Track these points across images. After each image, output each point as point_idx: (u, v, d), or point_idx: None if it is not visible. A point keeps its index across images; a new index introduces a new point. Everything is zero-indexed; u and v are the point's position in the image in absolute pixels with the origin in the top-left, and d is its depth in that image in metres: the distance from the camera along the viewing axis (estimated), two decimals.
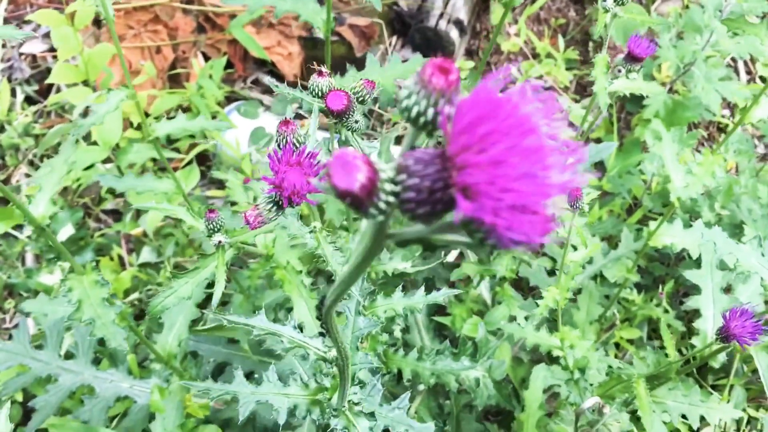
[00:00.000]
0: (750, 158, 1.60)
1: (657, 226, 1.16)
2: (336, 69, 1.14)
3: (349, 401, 0.60)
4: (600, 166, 1.78)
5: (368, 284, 0.62)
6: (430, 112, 0.26)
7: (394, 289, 0.88)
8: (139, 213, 1.67)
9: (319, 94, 0.56)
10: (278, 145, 0.52)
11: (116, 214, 1.84)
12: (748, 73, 1.94)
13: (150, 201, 1.46)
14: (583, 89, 1.89)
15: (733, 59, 2.00)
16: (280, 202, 0.49)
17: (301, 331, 0.64)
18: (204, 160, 1.81)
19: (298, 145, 0.50)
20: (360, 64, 1.23)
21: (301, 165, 0.46)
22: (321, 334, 0.52)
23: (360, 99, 0.60)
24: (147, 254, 1.65)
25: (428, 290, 1.37)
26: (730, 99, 1.62)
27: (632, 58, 0.91)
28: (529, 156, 0.25)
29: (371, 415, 0.60)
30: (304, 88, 0.67)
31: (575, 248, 0.92)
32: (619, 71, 0.91)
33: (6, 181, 1.90)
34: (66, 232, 1.71)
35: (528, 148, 0.25)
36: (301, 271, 0.85)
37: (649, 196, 1.60)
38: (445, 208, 0.27)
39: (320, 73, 0.57)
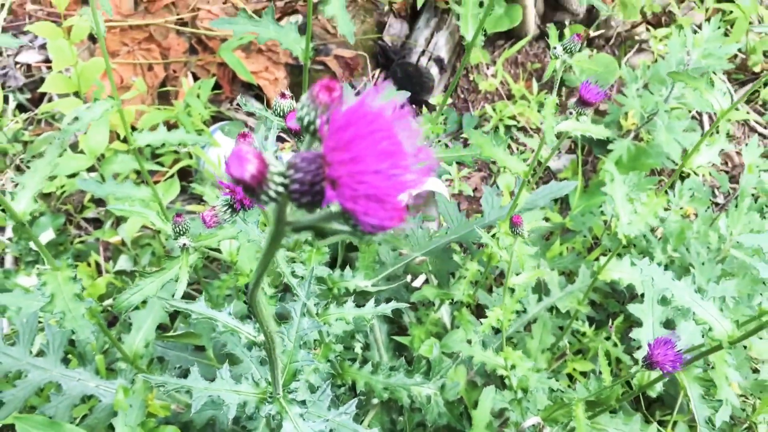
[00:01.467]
0: (706, 206, 1.68)
1: (606, 261, 1.24)
2: None
3: (284, 389, 0.66)
4: (565, 206, 1.86)
5: (316, 288, 0.68)
6: (317, 121, 0.34)
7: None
8: (118, 221, 1.73)
9: (281, 114, 0.64)
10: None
11: (97, 223, 1.89)
12: (711, 133, 2.04)
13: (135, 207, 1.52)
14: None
15: (699, 112, 2.10)
16: (235, 205, 0.56)
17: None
18: (187, 175, 1.87)
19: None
20: None
21: None
22: (248, 317, 0.58)
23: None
24: (123, 262, 1.70)
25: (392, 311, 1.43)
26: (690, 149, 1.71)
27: (583, 103, 0.99)
28: (384, 156, 0.32)
29: (303, 402, 0.66)
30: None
31: (517, 274, 0.99)
32: (571, 113, 0.99)
33: None
34: (47, 236, 1.76)
35: (384, 150, 0.32)
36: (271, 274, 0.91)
37: (608, 235, 1.68)
38: (323, 199, 0.34)
39: (283, 95, 0.64)
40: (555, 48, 0.90)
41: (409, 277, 1.53)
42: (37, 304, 1.06)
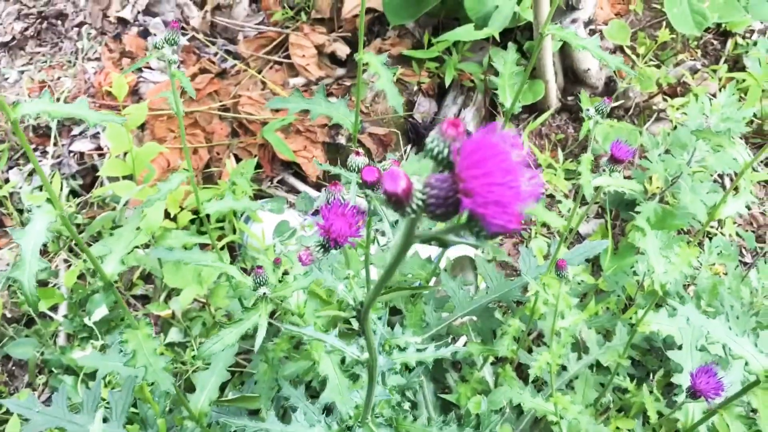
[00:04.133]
0: (735, 263, 1.74)
1: (644, 313, 1.29)
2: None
3: (372, 413, 0.72)
4: (597, 269, 1.92)
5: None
6: (446, 150, 0.42)
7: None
8: (170, 295, 1.81)
9: (356, 169, 0.72)
10: (327, 201, 0.67)
11: (145, 299, 1.98)
12: (735, 189, 2.11)
13: (189, 280, 1.60)
14: (582, 196, 2.06)
15: (720, 175, 2.18)
16: (327, 246, 0.63)
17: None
18: (230, 251, 1.96)
19: (342, 201, 0.65)
20: None
21: (345, 215, 0.61)
22: (357, 334, 0.64)
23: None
24: (174, 334, 1.77)
25: (436, 370, 1.48)
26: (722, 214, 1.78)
27: (614, 160, 1.07)
28: (506, 172, 0.40)
29: (389, 425, 0.72)
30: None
31: (563, 316, 1.04)
32: (603, 170, 1.07)
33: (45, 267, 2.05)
34: (100, 312, 1.84)
35: (506, 168, 0.40)
36: (327, 330, 0.98)
37: (641, 294, 1.73)
38: (455, 210, 0.42)
39: (357, 153, 0.73)
40: (588, 110, 0.99)
41: (450, 339, 1.59)
42: (112, 364, 1.13)
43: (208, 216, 1.88)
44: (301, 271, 0.87)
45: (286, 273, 0.97)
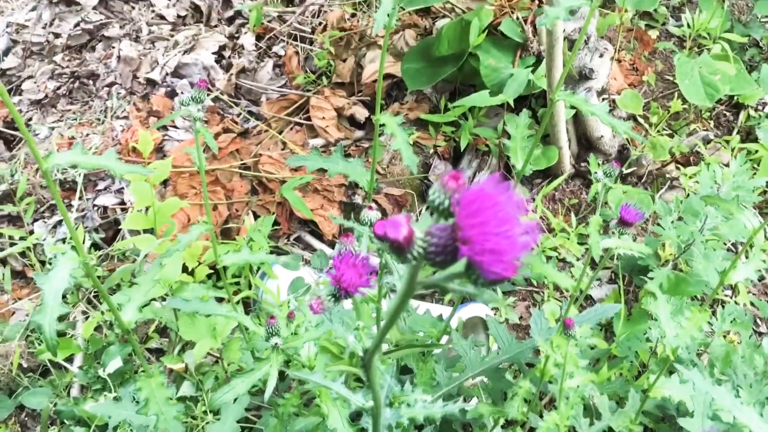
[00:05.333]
0: (749, 331, 1.73)
1: (656, 378, 1.29)
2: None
3: None
4: (610, 334, 1.92)
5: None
6: (446, 202, 0.45)
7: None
8: (184, 348, 1.83)
9: (368, 223, 0.75)
10: (339, 253, 0.69)
11: (159, 353, 1.99)
12: (746, 254, 2.11)
13: (203, 333, 1.62)
14: (594, 262, 2.07)
15: (734, 244, 2.18)
16: (338, 295, 0.66)
17: None
18: (245, 306, 1.98)
19: (354, 252, 0.68)
20: None
21: (356, 266, 0.64)
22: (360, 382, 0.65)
23: None
24: (186, 388, 1.78)
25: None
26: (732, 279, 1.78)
27: (623, 223, 1.10)
28: (503, 222, 0.43)
29: None
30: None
31: (571, 376, 1.05)
32: (613, 233, 1.09)
33: (63, 318, 2.09)
34: (115, 364, 1.86)
35: (503, 218, 0.43)
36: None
37: (654, 360, 1.72)
38: (453, 258, 0.45)
39: (369, 208, 0.77)
40: (596, 173, 1.02)
41: (462, 399, 1.58)
42: (124, 413, 1.15)
43: (225, 269, 1.91)
44: (313, 323, 0.89)
45: (299, 327, 1.00)
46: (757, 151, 2.25)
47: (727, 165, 2.27)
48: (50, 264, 2.03)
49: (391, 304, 0.49)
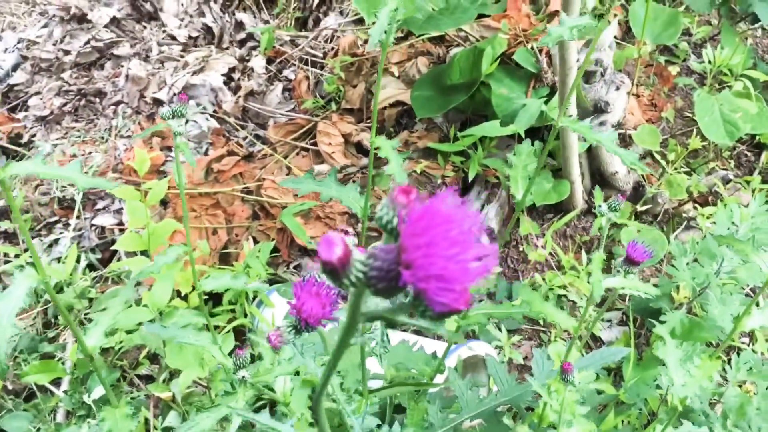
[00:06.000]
0: (766, 382, 1.63)
1: (662, 429, 1.20)
2: None
3: None
4: (619, 379, 1.83)
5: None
6: (395, 220, 0.38)
7: None
8: (171, 376, 1.76)
9: None
10: (303, 279, 0.63)
11: (149, 380, 1.92)
12: (762, 302, 2.02)
13: (191, 361, 1.56)
14: (603, 301, 1.99)
15: (752, 289, 2.09)
16: (299, 327, 0.59)
17: None
18: (240, 334, 1.91)
19: (318, 280, 0.61)
20: None
21: (319, 295, 0.57)
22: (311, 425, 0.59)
23: None
24: (172, 418, 1.71)
25: None
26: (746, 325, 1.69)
27: (630, 262, 1.02)
28: (454, 244, 0.36)
29: None
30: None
31: (570, 425, 0.97)
32: (618, 272, 1.02)
33: (54, 339, 2.03)
34: (100, 390, 1.79)
35: (454, 239, 0.36)
36: (312, 424, 0.92)
37: (664, 409, 1.63)
38: (397, 285, 0.38)
39: (345, 232, 0.70)
40: (600, 206, 0.95)
41: None
42: None
43: (212, 296, 1.85)
44: (287, 357, 0.83)
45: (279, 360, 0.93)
46: None
47: (746, 206, 2.19)
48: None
49: (335, 338, 0.43)
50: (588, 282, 1.92)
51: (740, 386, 1.67)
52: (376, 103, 1.09)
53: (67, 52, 2.44)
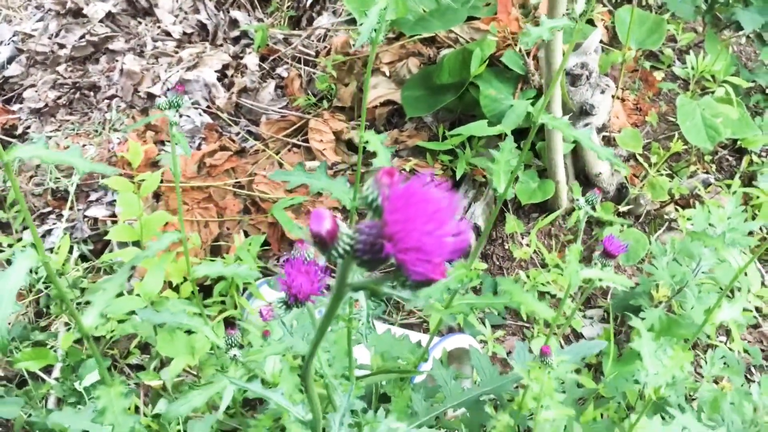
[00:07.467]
0: (741, 377, 1.69)
1: (637, 419, 1.25)
2: None
3: None
4: (599, 374, 1.87)
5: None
6: (379, 198, 0.43)
7: None
8: (162, 364, 1.79)
9: None
10: (293, 257, 0.67)
11: (140, 369, 1.96)
12: (731, 293, 2.07)
13: (181, 349, 1.59)
14: (588, 300, 2.04)
15: (731, 290, 2.14)
16: (289, 302, 0.63)
17: None
18: (231, 326, 1.95)
19: (308, 259, 0.65)
20: None
21: (308, 273, 0.61)
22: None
23: None
24: (162, 405, 1.74)
25: None
26: (724, 323, 1.74)
27: (606, 255, 1.07)
28: (430, 219, 0.40)
29: None
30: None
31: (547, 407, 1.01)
32: (595, 264, 1.06)
33: (45, 328, 2.06)
34: (92, 378, 1.82)
35: (432, 215, 0.40)
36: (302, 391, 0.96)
37: (642, 403, 1.68)
38: (381, 257, 0.42)
39: (334, 217, 0.74)
40: (578, 200, 1.00)
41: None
42: (86, 423, 1.11)
43: (203, 288, 1.88)
44: (277, 337, 0.86)
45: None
46: (758, 197, 2.22)
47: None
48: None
49: (324, 309, 0.47)
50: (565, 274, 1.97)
51: (716, 382, 1.72)
52: (366, 99, 1.13)
53: (62, 46, 2.47)
